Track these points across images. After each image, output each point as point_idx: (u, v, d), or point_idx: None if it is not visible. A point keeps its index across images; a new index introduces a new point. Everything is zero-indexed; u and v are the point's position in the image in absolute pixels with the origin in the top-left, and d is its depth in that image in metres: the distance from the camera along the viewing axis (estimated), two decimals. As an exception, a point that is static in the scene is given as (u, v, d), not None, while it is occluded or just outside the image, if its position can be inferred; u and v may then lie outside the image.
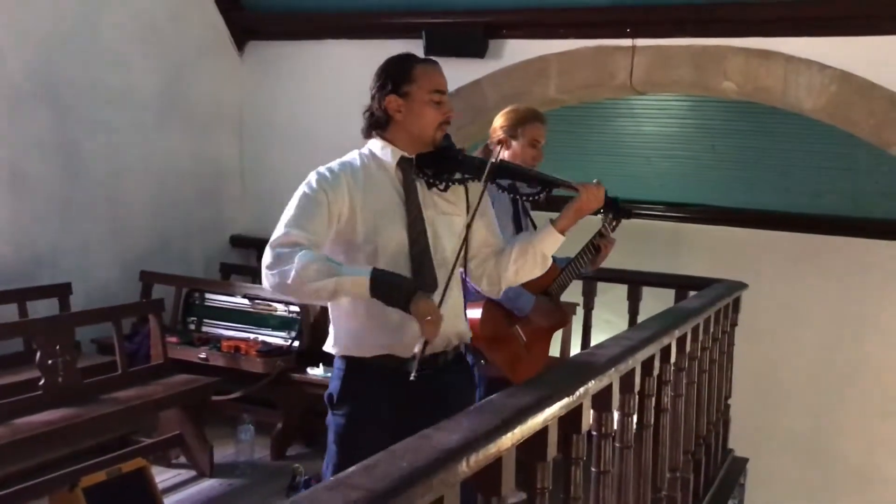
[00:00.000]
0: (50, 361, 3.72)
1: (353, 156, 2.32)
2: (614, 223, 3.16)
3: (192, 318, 5.17)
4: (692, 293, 4.13)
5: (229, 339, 4.81)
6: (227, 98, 6.34)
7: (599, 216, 3.16)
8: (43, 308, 4.71)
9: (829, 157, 6.49)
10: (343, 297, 2.11)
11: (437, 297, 2.16)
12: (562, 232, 2.30)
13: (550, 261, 2.37)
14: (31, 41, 4.93)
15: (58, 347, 3.75)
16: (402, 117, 2.26)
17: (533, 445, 1.76)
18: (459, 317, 2.39)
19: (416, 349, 2.09)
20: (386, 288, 2.04)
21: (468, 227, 2.21)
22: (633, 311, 4.83)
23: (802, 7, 4.57)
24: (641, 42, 5.05)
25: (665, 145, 7.06)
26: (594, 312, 4.99)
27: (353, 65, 5.48)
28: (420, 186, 2.29)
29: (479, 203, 2.20)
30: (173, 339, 4.80)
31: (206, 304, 5.15)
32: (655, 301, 4.41)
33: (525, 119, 3.12)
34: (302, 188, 2.21)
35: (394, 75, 2.26)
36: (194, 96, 6.05)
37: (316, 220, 2.16)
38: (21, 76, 4.90)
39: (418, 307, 2.03)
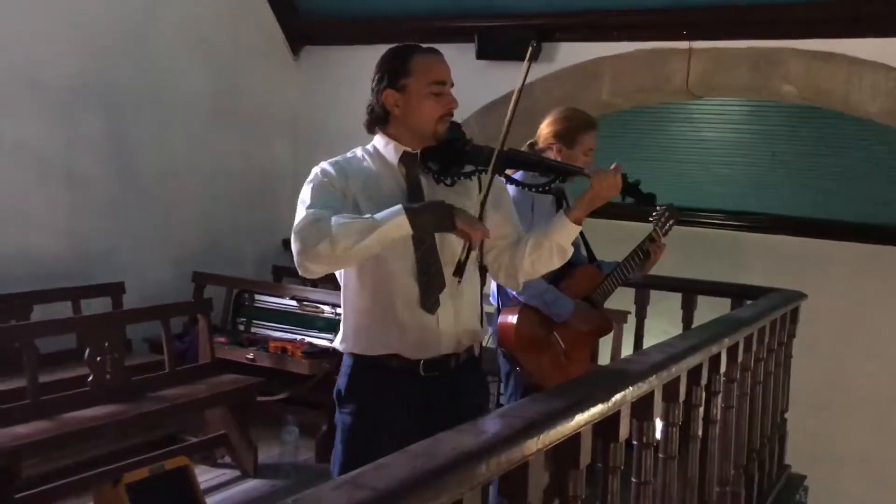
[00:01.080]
0: (99, 358, 3.77)
1: (356, 152, 2.27)
2: (667, 227, 3.08)
3: (242, 319, 5.21)
4: (748, 302, 3.99)
5: (276, 340, 4.83)
6: (281, 102, 6.39)
7: (652, 217, 3.11)
8: (97, 306, 4.80)
9: (891, 165, 6.27)
10: (390, 244, 2.03)
11: (446, 297, 2.12)
12: (576, 222, 2.19)
13: (571, 251, 2.25)
14: (85, 45, 5.04)
15: (107, 344, 3.80)
16: (400, 112, 2.17)
17: (564, 452, 1.70)
18: (473, 316, 2.29)
19: (461, 255, 2.07)
20: (425, 217, 2.00)
21: (479, 217, 2.09)
22: (688, 321, 4.68)
23: (865, 6, 4.41)
24: (698, 44, 4.93)
25: (723, 151, 6.90)
26: (648, 322, 4.86)
27: (406, 68, 5.48)
28: (426, 181, 2.21)
29: (486, 194, 2.10)
30: (222, 340, 4.84)
31: (256, 304, 5.19)
32: (713, 311, 4.27)
33: (581, 128, 3.02)
34: (307, 184, 2.15)
35: (390, 69, 2.18)
36: (248, 99, 6.12)
37: (331, 199, 2.10)
38: (76, 80, 5.01)
39: (464, 219, 2.00)
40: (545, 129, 3.06)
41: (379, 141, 2.26)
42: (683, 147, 7.02)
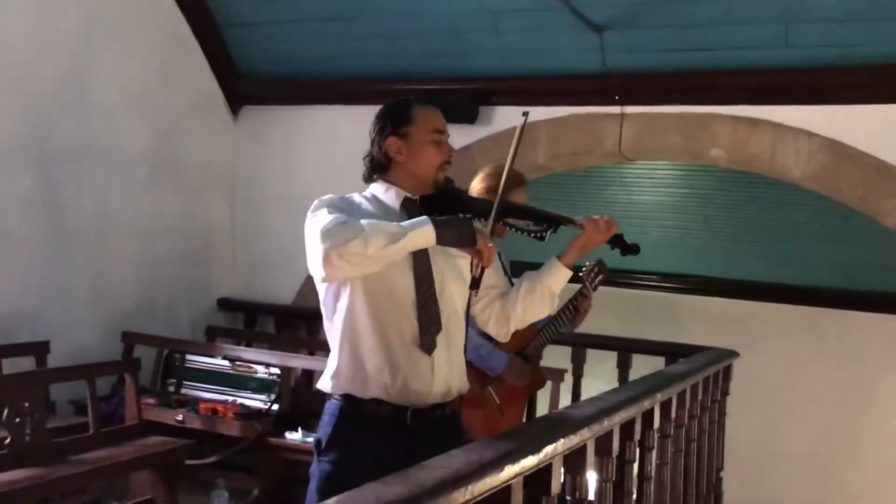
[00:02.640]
0: (18, 419, 3.61)
1: (353, 196, 2.29)
2: (596, 282, 3.12)
3: (172, 380, 5.08)
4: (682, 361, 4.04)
5: (207, 401, 4.71)
6: (219, 160, 6.35)
7: (582, 273, 3.16)
8: (20, 366, 4.61)
9: (822, 229, 6.49)
10: (407, 252, 2.10)
11: (442, 342, 2.16)
12: (568, 267, 2.30)
13: (557, 299, 2.33)
14: (20, 98, 4.95)
15: (27, 405, 3.65)
16: (402, 159, 2.24)
17: (494, 505, 1.67)
18: (461, 366, 2.33)
19: (474, 272, 2.14)
20: (450, 232, 2.07)
21: (472, 265, 2.17)
22: (623, 380, 4.72)
23: (790, 75, 4.61)
24: (630, 109, 5.07)
25: (658, 215, 7.07)
26: (586, 383, 4.88)
27: (345, 130, 5.49)
28: None
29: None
30: (151, 401, 4.71)
31: (187, 365, 5.07)
32: (649, 371, 4.32)
33: (511, 185, 3.07)
34: (316, 209, 2.13)
35: (393, 117, 2.25)
36: (186, 158, 6.06)
37: (348, 213, 2.11)
38: (9, 133, 4.90)
39: (482, 239, 2.09)
40: (477, 185, 3.11)
41: (378, 188, 2.29)
42: (618, 210, 7.14)
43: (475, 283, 2.14)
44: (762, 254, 7.07)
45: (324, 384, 2.28)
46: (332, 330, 2.26)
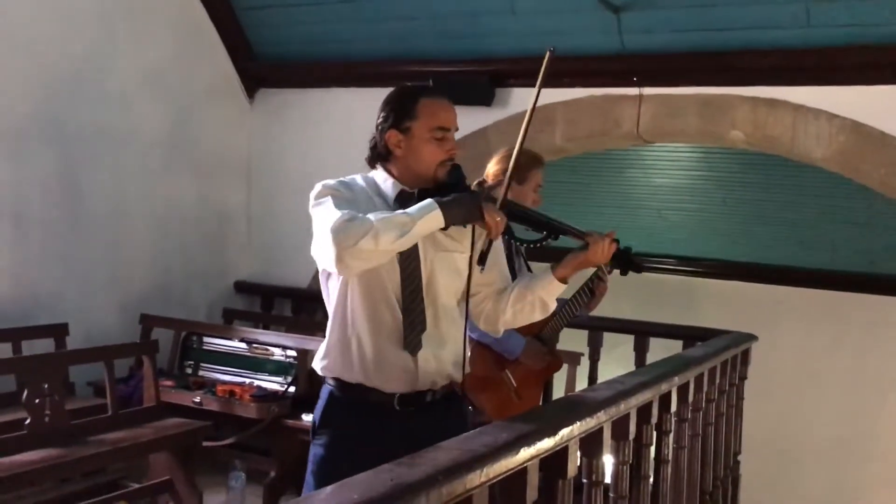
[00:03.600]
0: (37, 400, 3.64)
1: (356, 177, 2.28)
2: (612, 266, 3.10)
3: (190, 362, 5.10)
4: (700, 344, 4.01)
5: (225, 383, 4.73)
6: (235, 144, 6.36)
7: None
8: (39, 348, 4.65)
9: (842, 211, 6.41)
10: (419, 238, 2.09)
11: (430, 341, 2.13)
12: (562, 280, 2.24)
13: (553, 306, 2.30)
14: (37, 83, 4.97)
15: (46, 386, 3.68)
16: (401, 153, 2.20)
17: (510, 487, 1.66)
18: (452, 363, 2.27)
19: (484, 247, 2.12)
20: (457, 210, 2.04)
21: (471, 263, 2.16)
22: (641, 364, 4.70)
23: (811, 55, 4.53)
24: (648, 90, 5.01)
25: (676, 198, 7.01)
26: (602, 367, 4.85)
27: (361, 112, 5.45)
28: None
29: (488, 248, 2.13)
30: (168, 383, 4.73)
31: (204, 347, 5.09)
32: (666, 355, 4.30)
33: (530, 164, 3.06)
34: (320, 196, 2.13)
35: (397, 109, 2.21)
36: (201, 141, 6.07)
37: (352, 202, 2.11)
38: (26, 118, 4.92)
39: (490, 212, 2.07)
40: (493, 166, 3.09)
41: (379, 175, 2.27)
42: (636, 193, 7.11)
43: (482, 259, 2.12)
44: (781, 237, 7.00)
45: (315, 365, 2.29)
46: (329, 312, 2.28)
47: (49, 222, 5.05)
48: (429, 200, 2.03)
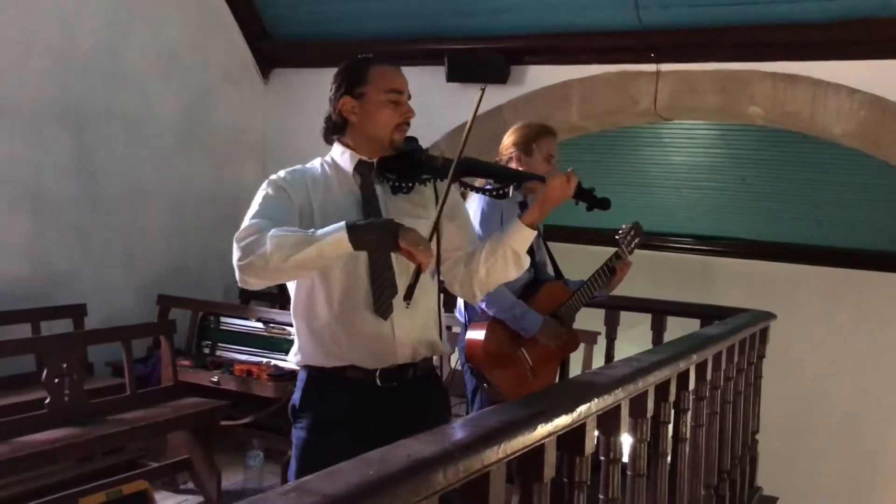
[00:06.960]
0: (56, 380, 3.68)
1: (314, 163, 2.24)
2: (633, 245, 3.08)
3: (207, 342, 5.12)
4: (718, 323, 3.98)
5: (242, 363, 4.74)
6: (250, 124, 6.35)
7: (618, 236, 3.12)
8: (57, 328, 4.69)
9: (862, 189, 6.34)
10: (331, 262, 1.98)
11: (402, 305, 2.05)
12: (530, 225, 2.14)
13: (527, 260, 2.20)
14: (53, 65, 4.98)
15: (65, 366, 3.71)
16: (357, 119, 2.16)
17: (527, 464, 1.65)
18: (429, 327, 2.22)
19: (411, 280, 1.97)
20: (367, 236, 1.90)
21: (435, 226, 2.05)
22: (658, 342, 4.66)
23: (831, 30, 4.46)
24: (666, 67, 4.96)
25: (694, 176, 6.96)
26: (619, 346, 4.83)
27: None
28: (383, 191, 2.18)
29: (444, 202, 2.04)
30: (186, 363, 4.75)
31: (221, 327, 5.10)
32: (683, 334, 4.27)
33: (538, 134, 3.04)
34: (260, 190, 2.14)
35: (348, 77, 2.17)
36: (217, 122, 6.07)
37: (279, 210, 2.08)
38: (42, 100, 4.93)
39: (408, 239, 1.89)
40: (504, 141, 3.08)
41: (336, 150, 2.23)
42: (653, 171, 7.06)
43: (408, 293, 1.97)
44: (801, 215, 6.93)
45: (290, 360, 2.26)
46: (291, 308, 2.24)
47: (66, 204, 5.07)
48: (341, 223, 1.90)
